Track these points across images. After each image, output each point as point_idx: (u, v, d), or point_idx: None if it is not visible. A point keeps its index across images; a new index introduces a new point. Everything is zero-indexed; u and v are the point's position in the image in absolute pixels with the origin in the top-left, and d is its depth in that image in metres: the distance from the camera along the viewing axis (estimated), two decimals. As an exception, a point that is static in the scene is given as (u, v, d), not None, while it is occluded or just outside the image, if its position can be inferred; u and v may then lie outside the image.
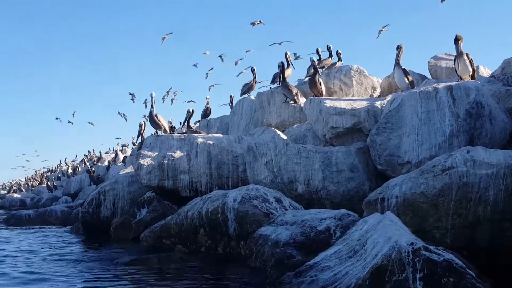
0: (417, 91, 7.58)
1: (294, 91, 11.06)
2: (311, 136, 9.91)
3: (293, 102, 11.13)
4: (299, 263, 4.86)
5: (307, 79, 11.64)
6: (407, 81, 8.88)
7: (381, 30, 12.64)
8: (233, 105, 14.71)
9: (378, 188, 5.96)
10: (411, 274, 3.48)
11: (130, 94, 18.01)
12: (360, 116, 8.65)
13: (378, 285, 3.51)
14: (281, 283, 4.22)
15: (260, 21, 12.21)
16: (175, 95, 17.34)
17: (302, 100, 11.10)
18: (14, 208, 26.38)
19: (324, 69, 12.21)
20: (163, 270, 6.32)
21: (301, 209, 7.21)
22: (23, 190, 34.47)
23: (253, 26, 12.35)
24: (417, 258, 3.56)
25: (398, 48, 8.93)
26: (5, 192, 38.05)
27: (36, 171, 41.92)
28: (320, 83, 10.11)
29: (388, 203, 5.53)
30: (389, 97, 8.53)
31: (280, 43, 14.20)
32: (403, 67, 8.93)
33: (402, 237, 3.78)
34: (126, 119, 21.55)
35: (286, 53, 11.50)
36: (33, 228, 13.49)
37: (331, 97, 10.34)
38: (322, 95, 10.05)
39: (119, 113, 21.56)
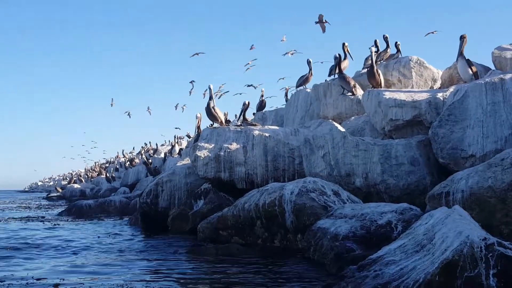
0: (482, 82, 7.30)
1: (352, 82, 10.85)
2: (369, 128, 9.73)
3: (350, 94, 10.93)
4: (360, 257, 4.78)
5: (364, 70, 11.41)
6: (470, 72, 8.56)
7: (431, 32, 12.28)
8: (288, 97, 14.63)
9: (442, 182, 5.78)
10: (484, 270, 3.34)
11: (191, 82, 18.16)
12: (421, 108, 8.39)
13: (449, 280, 3.39)
14: (343, 277, 4.15)
15: (325, 20, 12.02)
16: (224, 93, 17.41)
17: (359, 92, 10.89)
18: (74, 198, 27.45)
19: (382, 60, 11.91)
20: (221, 261, 6.37)
21: (360, 203, 7.10)
22: (83, 180, 35.72)
23: (317, 24, 12.15)
24: (490, 254, 3.42)
25: (462, 38, 8.62)
26: (66, 182, 39.60)
27: (95, 162, 43.31)
28: (379, 75, 9.89)
29: (453, 198, 5.35)
30: (452, 89, 8.25)
31: (291, 54, 14.05)
32: (466, 58, 8.61)
33: (473, 231, 3.64)
34: (183, 109, 21.70)
35: (343, 44, 11.29)
36: (93, 219, 13.90)
37: (390, 89, 10.09)
38: (381, 87, 9.83)
39: (176, 107, 21.78)
